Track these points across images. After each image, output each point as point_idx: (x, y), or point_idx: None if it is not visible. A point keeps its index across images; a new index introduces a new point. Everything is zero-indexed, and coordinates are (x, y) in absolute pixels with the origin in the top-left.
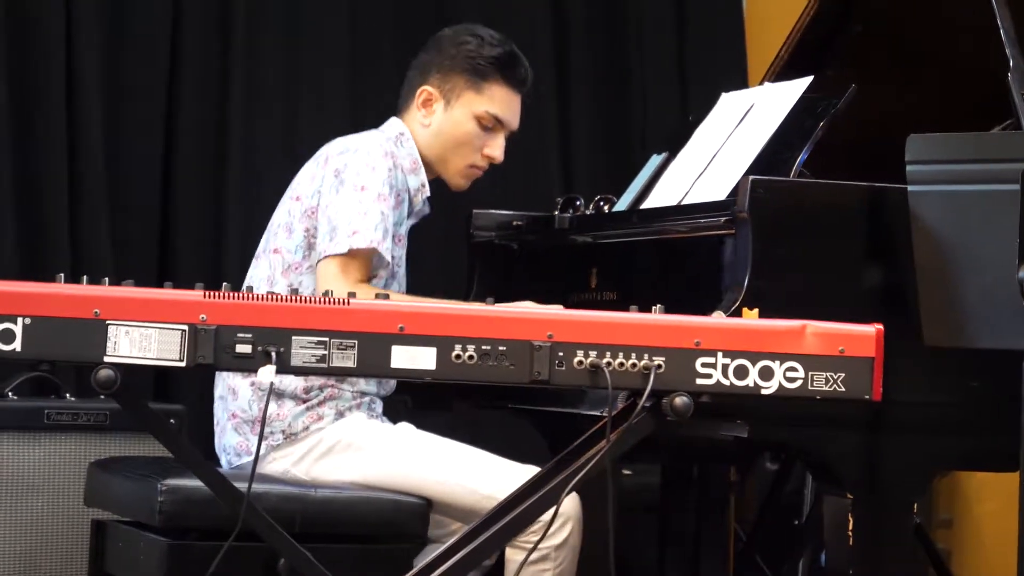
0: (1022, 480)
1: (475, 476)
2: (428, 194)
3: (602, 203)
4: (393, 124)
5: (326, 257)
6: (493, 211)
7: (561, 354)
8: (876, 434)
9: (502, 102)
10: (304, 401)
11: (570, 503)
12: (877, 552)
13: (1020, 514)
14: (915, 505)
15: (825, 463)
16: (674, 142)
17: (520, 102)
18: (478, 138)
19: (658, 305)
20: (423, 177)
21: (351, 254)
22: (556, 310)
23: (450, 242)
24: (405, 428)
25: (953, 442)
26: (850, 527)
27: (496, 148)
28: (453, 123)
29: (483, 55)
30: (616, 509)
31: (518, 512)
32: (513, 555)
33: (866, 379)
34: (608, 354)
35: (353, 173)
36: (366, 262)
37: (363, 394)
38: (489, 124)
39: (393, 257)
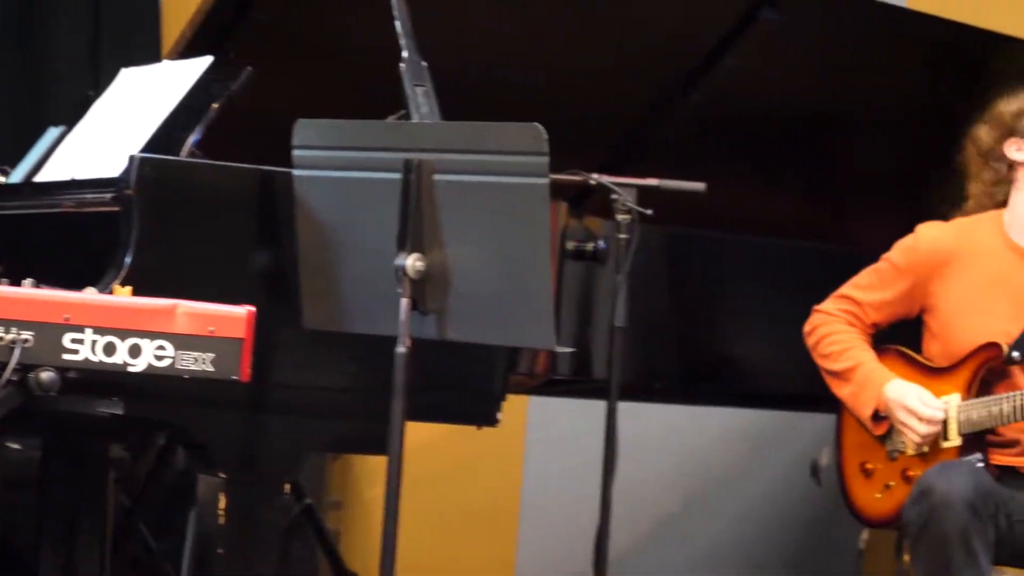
0: (389, 465)
1: None
2: None
3: None
4: None
5: None
6: None
7: None
8: (250, 414)
9: None
10: None
11: None
12: (248, 530)
13: (387, 498)
14: (287, 484)
15: (198, 441)
16: (74, 116)
17: None
18: None
19: (29, 279)
20: None
21: None
22: None
23: None
24: None
25: (329, 425)
26: (222, 505)
27: None
28: None
29: None
30: None
31: None
32: None
33: (235, 360)
34: None
35: None
36: None
37: None
38: None
39: None
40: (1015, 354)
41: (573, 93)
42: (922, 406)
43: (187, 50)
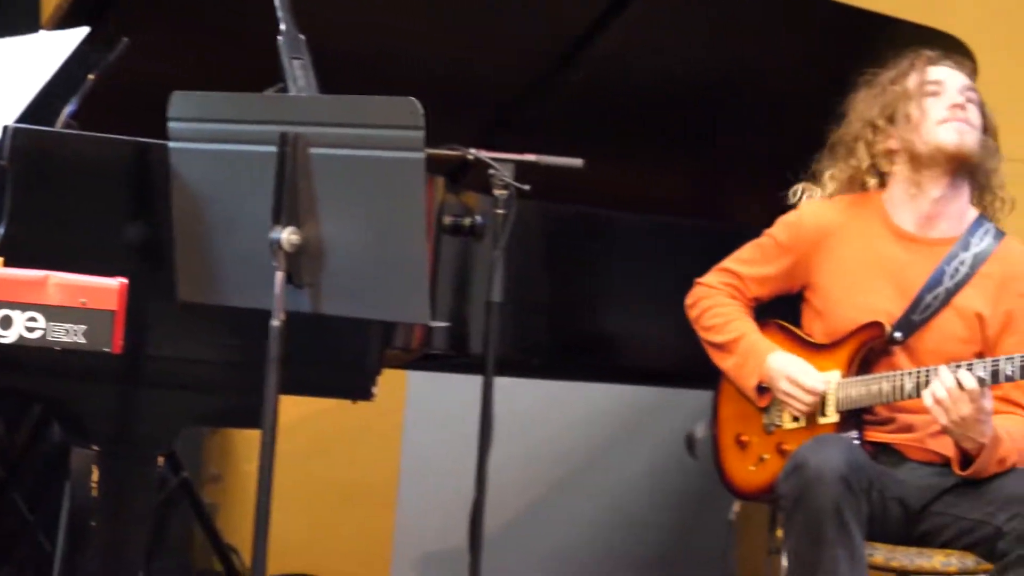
0: (263, 439)
1: None
2: None
3: None
4: None
5: None
6: None
7: None
8: (124, 387)
9: None
10: None
11: None
12: (121, 503)
13: (260, 472)
14: (163, 457)
15: (72, 413)
16: None
17: None
18: None
19: None
20: None
21: None
22: None
23: None
24: None
25: (203, 398)
26: (95, 478)
27: None
28: None
29: None
30: None
31: None
32: None
33: (107, 332)
34: None
35: None
36: None
37: None
38: None
39: None
40: (897, 335)
41: (452, 68)
42: (805, 376)
43: (65, 19)
